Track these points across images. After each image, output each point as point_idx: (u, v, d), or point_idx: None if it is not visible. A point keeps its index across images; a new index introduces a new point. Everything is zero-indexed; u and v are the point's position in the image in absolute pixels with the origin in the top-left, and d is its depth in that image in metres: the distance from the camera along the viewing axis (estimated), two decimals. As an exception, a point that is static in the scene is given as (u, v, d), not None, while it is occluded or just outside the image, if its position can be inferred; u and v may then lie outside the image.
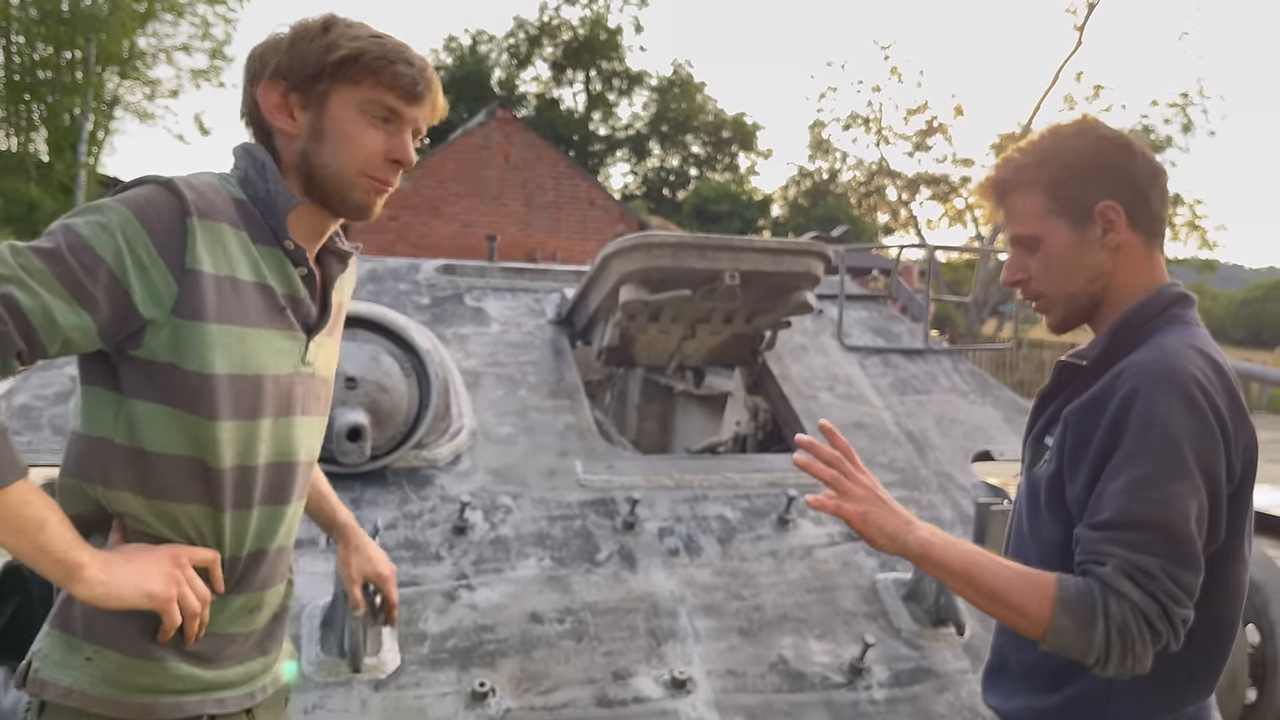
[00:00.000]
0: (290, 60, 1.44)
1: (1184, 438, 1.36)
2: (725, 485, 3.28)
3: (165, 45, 24.11)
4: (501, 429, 3.31)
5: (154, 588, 1.34)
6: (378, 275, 3.94)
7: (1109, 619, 1.32)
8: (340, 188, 1.46)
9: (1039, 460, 1.59)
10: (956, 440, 3.82)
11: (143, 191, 1.35)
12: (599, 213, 18.90)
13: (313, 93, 1.44)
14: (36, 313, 1.23)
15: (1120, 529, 1.36)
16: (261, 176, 1.45)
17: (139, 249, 1.31)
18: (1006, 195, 1.59)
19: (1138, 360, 1.44)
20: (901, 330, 4.59)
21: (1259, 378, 16.02)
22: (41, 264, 1.25)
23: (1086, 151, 1.54)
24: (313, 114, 1.45)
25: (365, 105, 1.44)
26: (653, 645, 2.65)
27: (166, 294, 1.34)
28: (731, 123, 39.35)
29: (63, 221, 1.31)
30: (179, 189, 1.35)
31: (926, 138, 25.54)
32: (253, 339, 1.42)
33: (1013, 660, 1.61)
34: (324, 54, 1.43)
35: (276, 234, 1.45)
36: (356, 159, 1.45)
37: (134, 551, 1.37)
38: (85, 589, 1.29)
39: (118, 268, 1.30)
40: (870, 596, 2.95)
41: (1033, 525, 1.58)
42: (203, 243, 1.36)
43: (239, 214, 1.42)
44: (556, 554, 2.88)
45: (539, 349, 3.75)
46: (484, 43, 39.20)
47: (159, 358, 1.35)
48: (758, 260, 3.43)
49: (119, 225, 1.31)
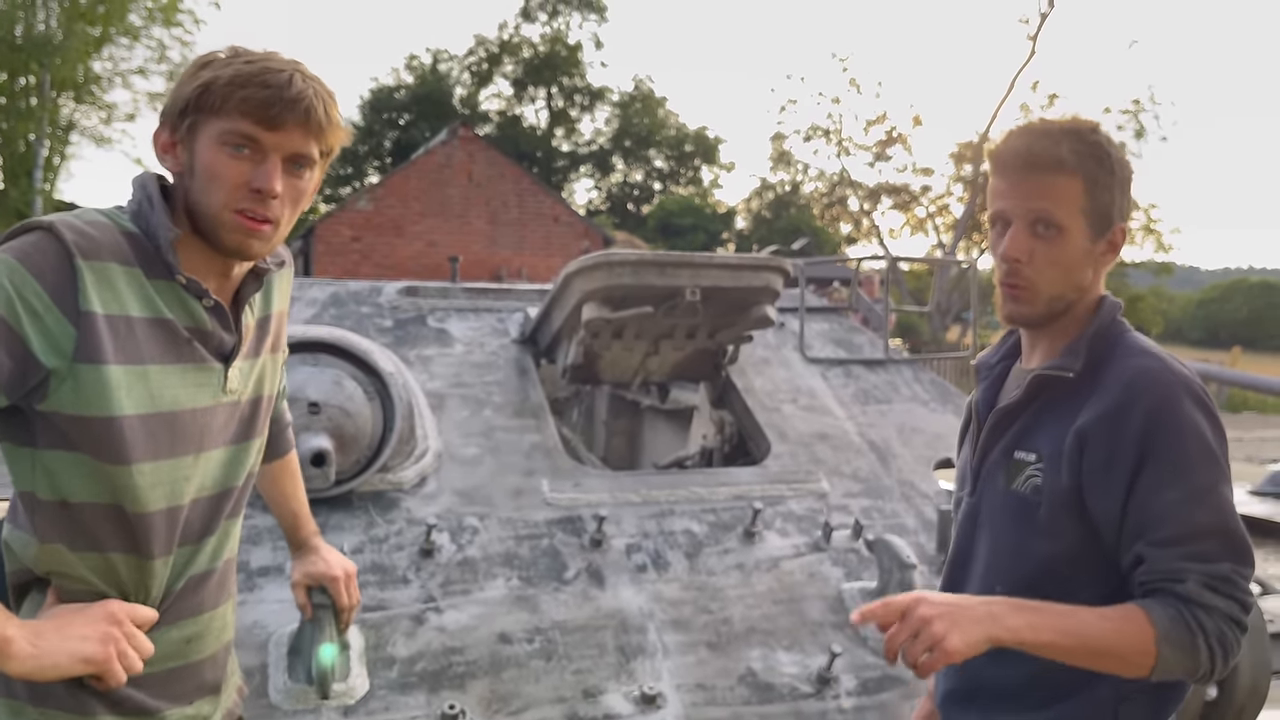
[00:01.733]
0: (171, 99, 1.41)
1: (1215, 443, 1.44)
2: (692, 500, 3.30)
3: (121, 69, 23.87)
4: (467, 450, 3.32)
5: (89, 651, 1.30)
6: (340, 299, 3.93)
7: (1207, 635, 1.37)
8: (213, 225, 1.40)
9: (1017, 477, 1.57)
10: (918, 449, 3.88)
11: (27, 239, 1.31)
12: (564, 229, 18.93)
13: (183, 129, 1.40)
14: None
15: (1188, 543, 1.39)
16: (151, 209, 1.40)
17: (30, 296, 1.27)
18: (1044, 171, 1.51)
19: (1143, 369, 1.47)
20: (862, 341, 4.64)
21: (1215, 378, 16.32)
22: None
23: (1122, 167, 1.55)
24: (186, 150, 1.41)
25: (224, 135, 1.37)
26: (622, 662, 2.66)
27: (64, 339, 1.29)
28: (694, 137, 39.61)
29: None
30: (60, 232, 1.31)
31: (886, 148, 25.83)
32: (156, 376, 1.38)
33: (989, 680, 1.59)
34: (186, 84, 1.39)
35: (169, 268, 1.39)
36: (219, 194, 1.38)
37: (66, 615, 1.33)
38: (16, 664, 1.24)
39: (11, 317, 1.25)
40: (836, 606, 2.98)
41: (1022, 541, 1.56)
42: (91, 284, 1.31)
43: (131, 250, 1.37)
44: (524, 574, 2.88)
45: (503, 369, 3.76)
46: (445, 61, 39.24)
47: (64, 410, 1.31)
48: (717, 276, 3.47)
49: (6, 275, 1.26)
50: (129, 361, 1.34)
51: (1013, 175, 1.53)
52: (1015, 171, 1.53)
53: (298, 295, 3.87)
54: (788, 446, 3.70)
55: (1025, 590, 1.52)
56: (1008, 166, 1.54)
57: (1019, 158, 1.53)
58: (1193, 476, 1.41)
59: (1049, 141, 1.51)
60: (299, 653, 2.43)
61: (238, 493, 1.54)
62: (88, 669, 1.30)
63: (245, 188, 1.37)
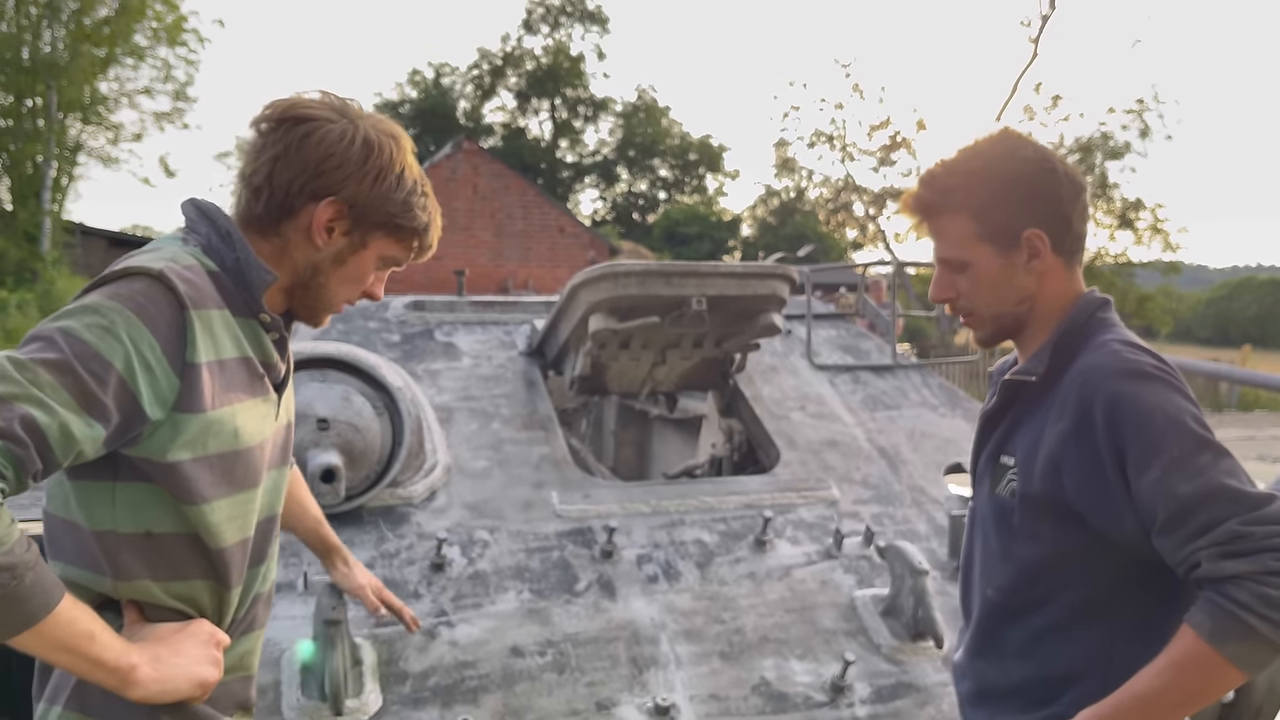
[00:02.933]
0: (366, 198, 1.46)
1: (1181, 413, 1.40)
2: (702, 509, 3.30)
3: (127, 89, 24.05)
4: (476, 463, 3.32)
5: (204, 674, 1.35)
6: (347, 314, 3.94)
7: (1248, 607, 1.28)
8: (319, 308, 1.54)
9: (1000, 481, 1.60)
10: (928, 454, 3.86)
11: (137, 287, 1.31)
12: (569, 240, 18.97)
13: (363, 232, 1.49)
14: (54, 431, 1.19)
15: (1183, 522, 1.33)
16: (228, 245, 1.44)
17: (145, 351, 1.28)
18: (933, 216, 1.62)
19: (1092, 365, 1.48)
20: (870, 347, 4.64)
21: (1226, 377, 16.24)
22: (51, 377, 1.20)
23: (1012, 177, 1.57)
24: (348, 245, 1.50)
25: (386, 258, 1.54)
26: (635, 673, 2.66)
27: (170, 392, 1.32)
28: (698, 145, 39.67)
29: (58, 325, 1.26)
30: (173, 283, 1.32)
31: (890, 152, 25.78)
32: (242, 415, 1.42)
33: (993, 682, 1.62)
34: (398, 209, 1.49)
35: (250, 306, 1.45)
36: (350, 292, 1.54)
37: (169, 636, 1.36)
38: (141, 690, 1.28)
39: (127, 374, 1.26)
40: (849, 614, 2.97)
41: (1005, 545, 1.59)
42: (199, 335, 1.34)
43: (218, 290, 1.41)
44: (535, 586, 2.88)
45: (511, 381, 3.76)
46: (448, 75, 39.38)
47: (153, 456, 1.33)
48: (723, 285, 3.47)
49: (125, 329, 1.26)
50: (221, 405, 1.38)
51: (917, 225, 1.65)
52: (917, 221, 1.64)
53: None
54: (797, 454, 3.70)
55: (1011, 594, 1.57)
56: (911, 217, 1.66)
57: (911, 210, 1.65)
58: (1164, 453, 1.36)
59: (930, 189, 1.61)
60: (312, 669, 2.43)
61: (278, 516, 1.59)
62: (200, 691, 1.34)
63: (365, 292, 1.57)
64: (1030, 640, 1.56)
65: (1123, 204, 24.35)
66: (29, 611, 1.17)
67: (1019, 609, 1.58)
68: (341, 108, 1.48)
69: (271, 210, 1.46)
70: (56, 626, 1.19)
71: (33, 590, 1.17)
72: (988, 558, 1.64)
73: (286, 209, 1.45)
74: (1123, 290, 23.91)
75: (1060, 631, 1.53)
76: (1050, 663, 1.53)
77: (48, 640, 1.19)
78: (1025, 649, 1.57)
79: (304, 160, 1.43)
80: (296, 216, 1.46)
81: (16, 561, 1.15)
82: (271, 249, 1.48)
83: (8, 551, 1.14)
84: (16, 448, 1.16)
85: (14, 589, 1.15)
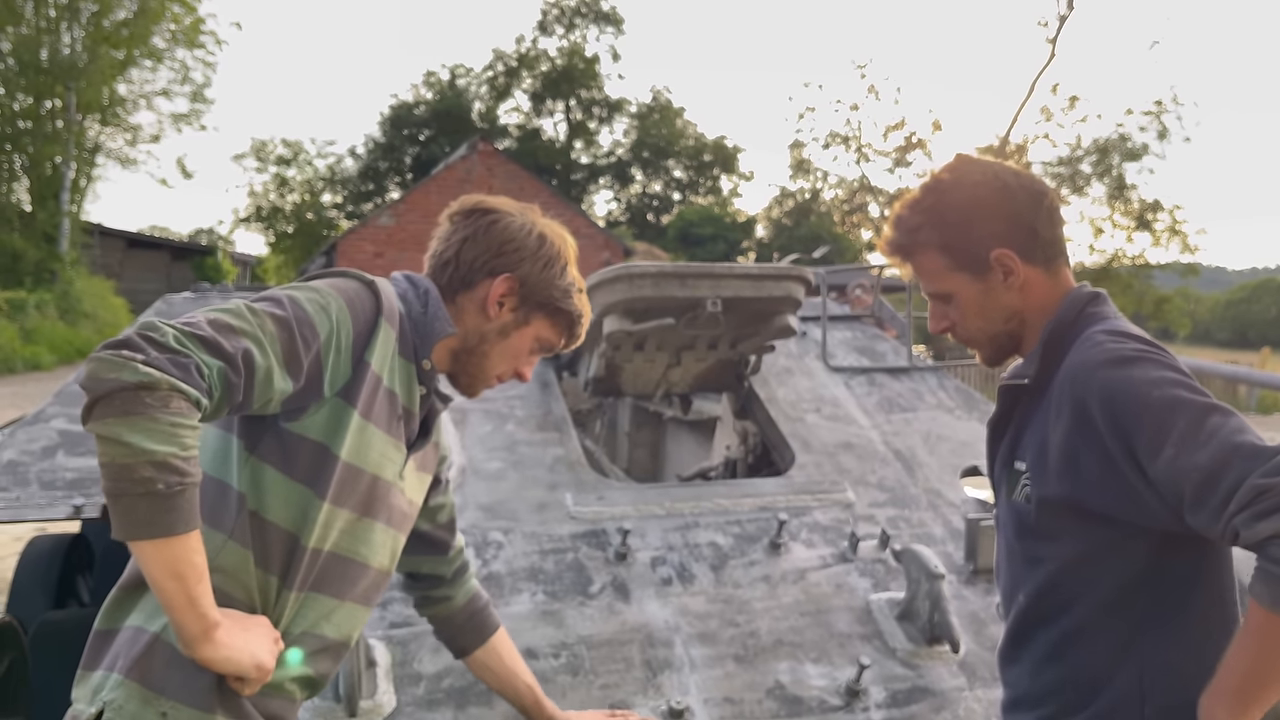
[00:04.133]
0: (537, 278, 1.68)
1: (1176, 386, 1.37)
2: (716, 511, 3.29)
3: (145, 91, 24.24)
4: (490, 464, 3.32)
5: (264, 658, 1.39)
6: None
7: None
8: (479, 376, 1.70)
9: (1016, 487, 1.60)
10: (944, 457, 3.84)
11: (353, 286, 1.53)
12: (584, 241, 18.93)
13: (528, 309, 1.69)
14: (263, 372, 1.34)
15: (1208, 491, 1.29)
16: (421, 302, 1.63)
17: (342, 335, 1.46)
18: (908, 256, 1.67)
19: (1078, 362, 1.47)
20: (886, 349, 4.62)
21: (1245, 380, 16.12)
22: (274, 328, 1.37)
23: (966, 204, 1.60)
24: (514, 320, 1.69)
25: (543, 340, 1.73)
26: (649, 676, 2.65)
27: (342, 379, 1.48)
28: (712, 146, 39.63)
29: (287, 292, 1.45)
30: (378, 291, 1.54)
31: (906, 153, 25.76)
32: (376, 438, 1.54)
33: (1028, 686, 1.61)
34: (560, 295, 1.70)
35: (417, 352, 1.61)
36: (505, 367, 1.72)
37: (242, 619, 1.41)
38: (211, 649, 1.32)
39: (325, 348, 1.44)
40: (864, 617, 2.95)
41: (1027, 549, 1.59)
42: (380, 342, 1.52)
43: (400, 329, 1.58)
44: (549, 588, 2.88)
45: (525, 383, 3.76)
46: (463, 76, 39.47)
47: (309, 435, 1.46)
48: (738, 287, 3.46)
49: (335, 311, 1.46)
50: (366, 414, 1.52)
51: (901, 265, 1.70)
52: (898, 263, 1.70)
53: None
54: (812, 456, 3.68)
55: (1039, 598, 1.57)
56: (890, 259, 1.71)
57: (888, 253, 1.71)
58: (1171, 429, 1.33)
59: (899, 230, 1.67)
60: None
61: (375, 574, 1.63)
62: (258, 674, 1.39)
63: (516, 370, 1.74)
64: (1060, 643, 1.56)
65: (1141, 205, 24.23)
66: (173, 521, 1.23)
67: (1047, 612, 1.57)
68: (523, 209, 1.72)
69: (454, 282, 1.67)
70: (185, 548, 1.25)
71: (187, 503, 1.24)
72: (1013, 563, 1.64)
73: (468, 282, 1.67)
74: (1140, 292, 23.78)
75: (1087, 632, 1.52)
76: (1079, 665, 1.52)
77: (168, 558, 1.25)
78: (1054, 652, 1.56)
79: (489, 242, 1.67)
80: (474, 289, 1.66)
81: (190, 470, 1.24)
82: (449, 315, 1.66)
83: (186, 459, 1.23)
84: (234, 375, 1.30)
85: (178, 495, 1.23)
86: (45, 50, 22.05)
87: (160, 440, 1.20)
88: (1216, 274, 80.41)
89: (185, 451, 1.23)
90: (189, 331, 1.28)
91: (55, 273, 21.51)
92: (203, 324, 1.31)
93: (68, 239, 22.37)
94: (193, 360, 1.25)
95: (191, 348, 1.26)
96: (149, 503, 1.21)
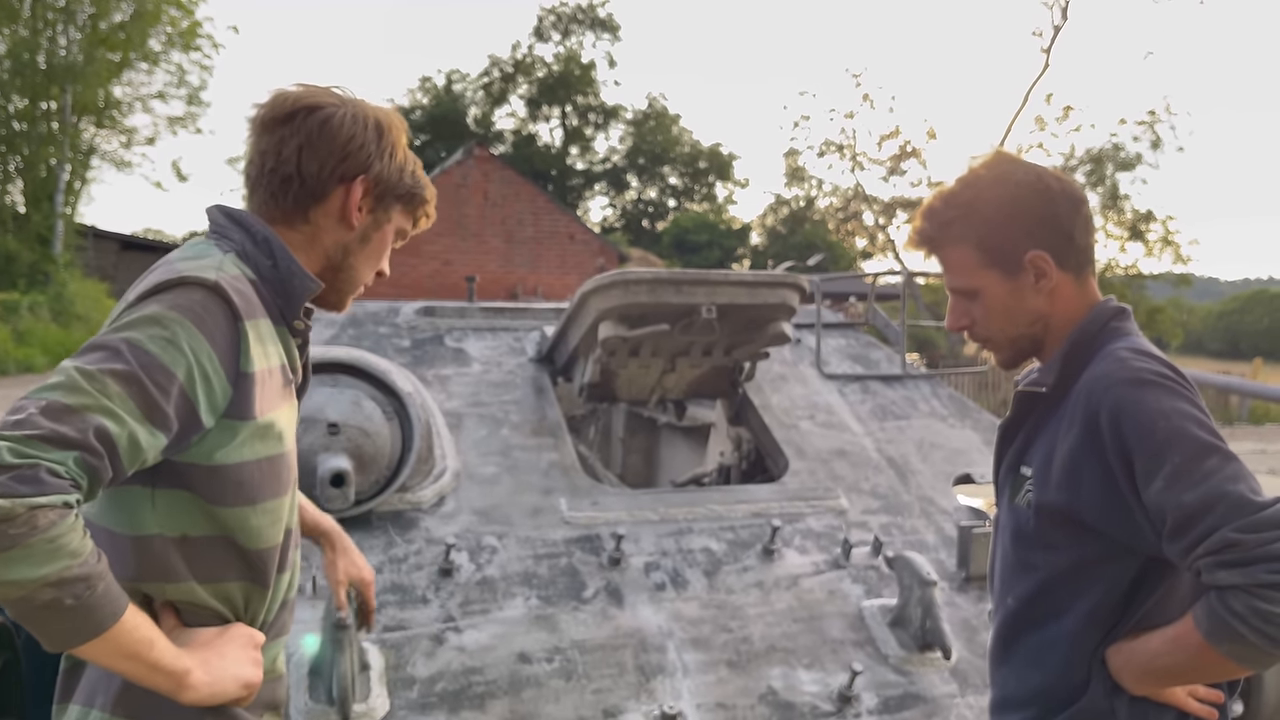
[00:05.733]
0: (388, 172, 1.54)
1: (1186, 419, 1.39)
2: (710, 517, 3.30)
3: (141, 94, 24.20)
4: (485, 469, 3.32)
5: (249, 676, 1.37)
6: (358, 319, 3.96)
7: (1241, 618, 1.30)
8: (350, 288, 1.59)
9: (1019, 491, 1.61)
10: (937, 464, 3.86)
11: (196, 298, 1.33)
12: (579, 247, 18.97)
13: (385, 206, 1.56)
14: (124, 441, 1.21)
15: (1185, 530, 1.34)
16: (264, 252, 1.46)
17: (204, 361, 1.30)
18: (937, 249, 1.65)
19: (1098, 375, 1.49)
20: (879, 356, 4.63)
21: (1237, 390, 16.17)
22: (119, 388, 1.21)
23: (1007, 202, 1.58)
24: (373, 221, 1.56)
25: (399, 230, 1.61)
26: (641, 681, 2.65)
27: (223, 400, 1.34)
28: (708, 153, 39.66)
29: (123, 336, 1.27)
30: (228, 295, 1.35)
31: (900, 162, 25.77)
32: (281, 420, 1.46)
33: (1014, 689, 1.64)
34: (413, 182, 1.58)
35: (285, 314, 1.49)
36: (371, 273, 1.61)
37: (213, 641, 1.38)
38: (193, 694, 1.30)
39: (188, 384, 1.28)
40: (857, 624, 2.96)
41: (1023, 554, 1.60)
42: (252, 344, 1.37)
43: (259, 299, 1.43)
44: (543, 593, 2.88)
45: (520, 388, 3.77)
46: (458, 81, 39.46)
47: (199, 462, 1.35)
48: (733, 293, 3.47)
49: (185, 340, 1.29)
50: (269, 411, 1.42)
51: (927, 256, 1.68)
52: (925, 254, 1.68)
53: (317, 316, 3.90)
54: (806, 463, 3.69)
55: (1029, 603, 1.59)
56: (916, 250, 1.69)
57: (915, 244, 1.68)
58: (1168, 461, 1.37)
59: (931, 222, 1.64)
60: (320, 673, 2.44)
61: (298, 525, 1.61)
62: (247, 692, 1.37)
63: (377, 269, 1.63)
64: (1044, 648, 1.58)
65: (1134, 215, 24.30)
66: (99, 620, 1.18)
67: (1036, 618, 1.59)
68: (338, 94, 1.53)
69: (302, 199, 1.49)
70: (122, 633, 1.21)
71: (103, 599, 1.18)
72: (1006, 567, 1.66)
73: (318, 195, 1.49)
74: (1133, 302, 23.82)
75: (1071, 640, 1.55)
76: (1061, 671, 1.55)
77: (113, 647, 1.21)
78: (1039, 657, 1.59)
79: (331, 146, 1.47)
80: (328, 201, 1.50)
81: (90, 572, 1.17)
82: (302, 239, 1.51)
83: (83, 563, 1.16)
84: (92, 458, 1.18)
85: (88, 599, 1.16)
86: (42, 53, 22.02)
87: (44, 562, 1.12)
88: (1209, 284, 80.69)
89: (77, 558, 1.14)
90: (21, 435, 1.14)
91: (49, 275, 21.45)
92: (35, 417, 1.16)
93: (62, 241, 22.31)
94: (40, 466, 1.13)
95: (32, 453, 1.13)
96: (65, 618, 1.16)
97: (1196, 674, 1.44)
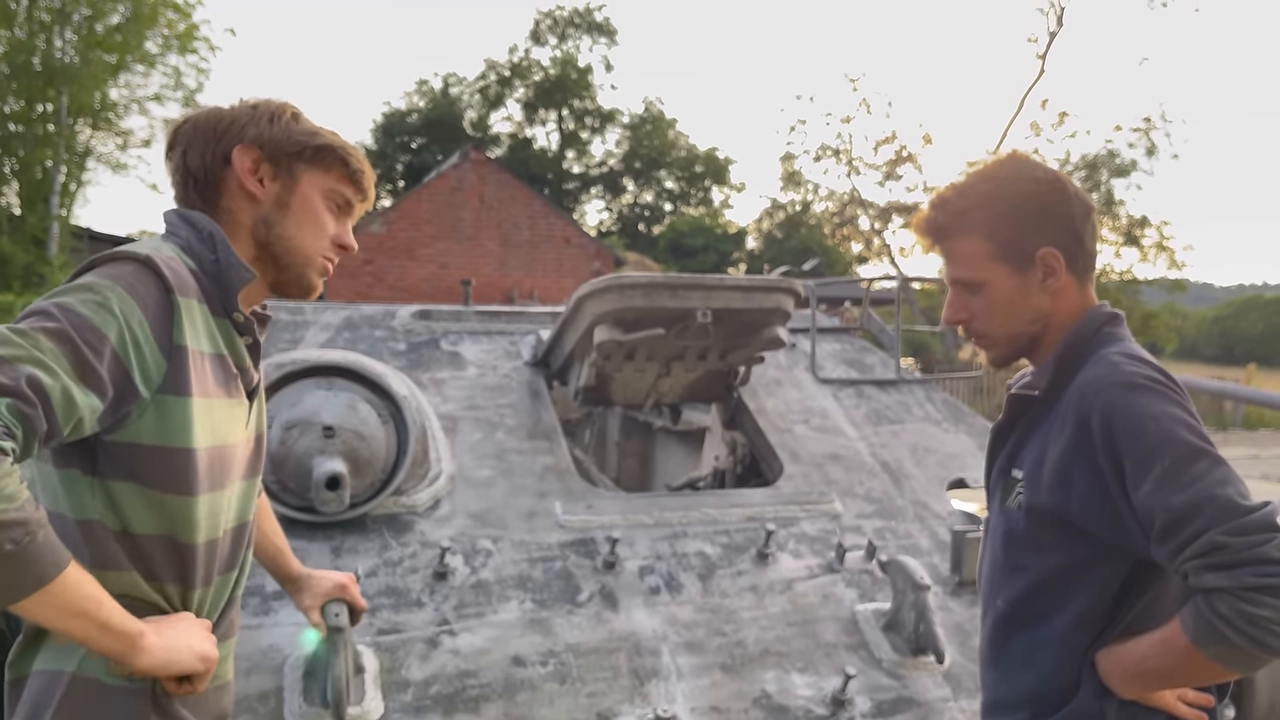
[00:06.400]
0: (271, 134, 1.52)
1: (1176, 423, 1.41)
2: (704, 521, 3.31)
3: (137, 96, 24.14)
4: (480, 472, 3.33)
5: (205, 649, 1.38)
6: (353, 323, 3.96)
7: (1227, 620, 1.30)
8: (300, 262, 1.55)
9: (1011, 494, 1.62)
10: (931, 469, 3.87)
11: (127, 270, 1.35)
12: (575, 250, 18.98)
13: (287, 168, 1.53)
14: (57, 393, 1.20)
15: (1173, 533, 1.36)
16: (208, 247, 1.47)
17: (135, 327, 1.30)
18: (946, 239, 1.65)
19: (1090, 379, 1.50)
20: (874, 361, 4.64)
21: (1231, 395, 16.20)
22: (51, 344, 1.21)
23: (1024, 197, 1.59)
24: (282, 186, 1.53)
25: (329, 193, 1.56)
26: (636, 685, 2.66)
27: (157, 371, 1.34)
28: (704, 158, 39.69)
29: (54, 300, 1.28)
30: (159, 268, 1.36)
31: (896, 167, 25.82)
32: (219, 410, 1.45)
33: (1004, 691, 1.65)
34: (306, 137, 1.54)
35: (225, 306, 1.48)
36: (319, 239, 1.56)
37: (166, 619, 1.37)
38: (148, 657, 1.29)
39: (120, 346, 1.28)
40: (850, 628, 2.97)
41: (1013, 556, 1.62)
42: (185, 319, 1.37)
43: (198, 287, 1.44)
44: (538, 596, 2.89)
45: (516, 391, 3.77)
46: (455, 85, 39.47)
47: (141, 440, 1.35)
48: (729, 298, 3.48)
49: (117, 304, 1.29)
50: (202, 395, 1.41)
51: (930, 247, 1.68)
52: (929, 244, 1.67)
53: (313, 319, 3.91)
54: (800, 467, 3.70)
55: (1018, 605, 1.60)
56: (923, 240, 1.68)
57: (924, 232, 1.67)
58: (1157, 464, 1.38)
59: (943, 211, 1.63)
60: (314, 676, 2.44)
61: (252, 525, 1.60)
62: (202, 666, 1.37)
63: (334, 240, 1.59)
64: (1034, 650, 1.59)
65: (1129, 221, 24.35)
66: (40, 570, 1.16)
67: (1026, 620, 1.60)
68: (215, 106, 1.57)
69: (204, 189, 1.51)
70: (66, 587, 1.19)
71: (44, 549, 1.16)
72: (996, 569, 1.67)
73: (212, 180, 1.51)
74: (1128, 307, 23.87)
75: (1061, 642, 1.56)
76: (1051, 673, 1.56)
77: (58, 602, 1.19)
78: (1029, 659, 1.60)
79: (204, 135, 1.51)
80: (224, 183, 1.51)
81: (29, 518, 1.15)
82: (227, 230, 1.52)
83: (19, 508, 1.14)
84: (25, 405, 1.17)
85: (27, 545, 1.14)
86: (38, 55, 21.99)
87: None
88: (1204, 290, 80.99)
89: (13, 502, 1.13)
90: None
91: (44, 277, 21.40)
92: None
93: (57, 243, 22.27)
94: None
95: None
96: (6, 567, 1.13)
97: (1184, 677, 1.45)
